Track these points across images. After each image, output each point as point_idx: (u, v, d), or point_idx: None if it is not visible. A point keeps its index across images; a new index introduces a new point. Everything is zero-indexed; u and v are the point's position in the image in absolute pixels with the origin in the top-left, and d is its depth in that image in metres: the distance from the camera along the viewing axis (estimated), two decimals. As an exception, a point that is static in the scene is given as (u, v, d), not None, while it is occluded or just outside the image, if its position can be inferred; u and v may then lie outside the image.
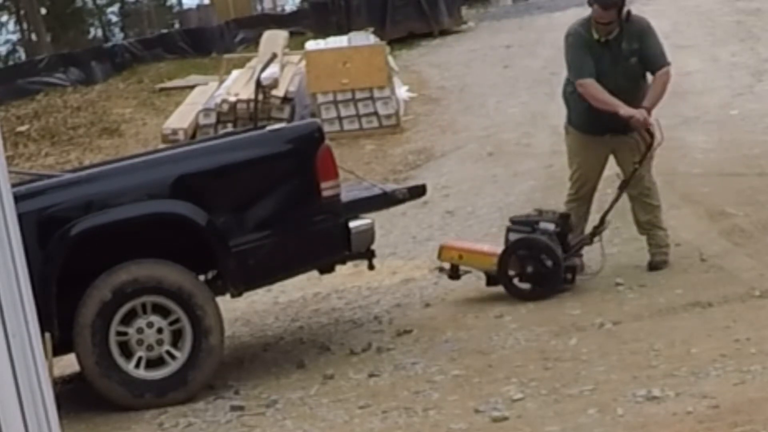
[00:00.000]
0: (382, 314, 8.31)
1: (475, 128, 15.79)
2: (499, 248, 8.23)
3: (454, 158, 14.10)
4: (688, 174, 11.30)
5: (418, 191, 8.33)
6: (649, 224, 8.41)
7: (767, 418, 5.25)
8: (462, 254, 8.26)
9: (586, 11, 8.26)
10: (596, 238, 8.28)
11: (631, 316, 7.31)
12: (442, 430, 5.82)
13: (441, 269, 8.35)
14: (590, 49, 8.19)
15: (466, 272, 8.28)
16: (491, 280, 8.14)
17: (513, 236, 8.09)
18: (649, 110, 8.12)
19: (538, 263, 7.96)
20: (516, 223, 8.20)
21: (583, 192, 8.44)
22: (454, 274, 8.24)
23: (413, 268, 8.93)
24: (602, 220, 8.32)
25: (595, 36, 8.21)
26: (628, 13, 8.17)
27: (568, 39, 8.36)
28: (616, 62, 8.18)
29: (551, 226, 8.08)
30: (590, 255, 8.41)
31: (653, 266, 8.34)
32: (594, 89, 8.16)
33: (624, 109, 8.04)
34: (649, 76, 8.33)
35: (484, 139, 14.89)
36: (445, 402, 6.22)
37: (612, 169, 8.62)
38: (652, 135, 8.21)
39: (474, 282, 8.37)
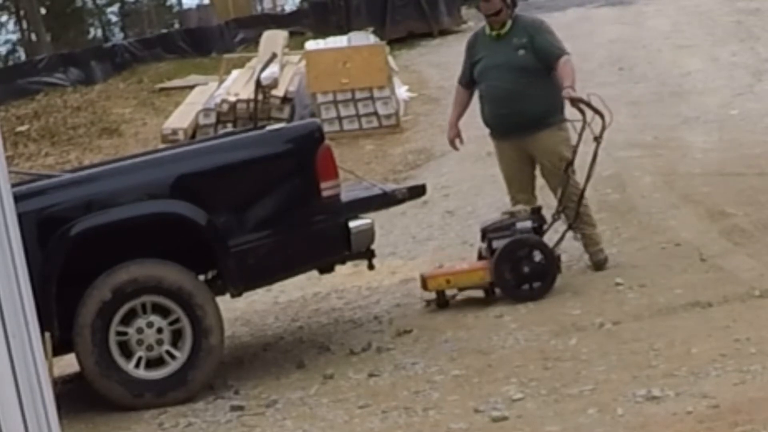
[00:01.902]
0: (382, 314, 8.31)
1: (475, 128, 15.77)
2: (475, 261, 8.29)
3: (454, 158, 14.07)
4: (688, 174, 11.31)
5: (418, 191, 8.33)
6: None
7: (767, 418, 5.25)
8: (449, 279, 8.19)
9: (588, 11, 8.34)
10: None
11: (631, 316, 7.31)
12: (442, 430, 5.82)
13: (428, 302, 8.25)
14: (484, 46, 8.57)
15: (453, 296, 8.22)
16: (488, 293, 8.12)
17: (498, 243, 8.07)
18: (572, 88, 8.27)
19: (532, 261, 7.97)
20: (494, 230, 8.18)
21: (520, 198, 8.45)
22: (442, 301, 8.17)
23: (413, 268, 8.92)
24: (577, 212, 8.32)
25: (488, 31, 8.56)
26: (520, 16, 8.53)
27: (466, 43, 8.90)
28: (506, 56, 8.42)
29: (528, 224, 8.11)
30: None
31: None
32: (454, 94, 8.90)
33: (449, 119, 8.87)
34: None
35: (484, 139, 14.85)
36: (445, 402, 6.22)
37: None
38: (599, 113, 8.31)
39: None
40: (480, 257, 8.33)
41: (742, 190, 10.29)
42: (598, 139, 8.34)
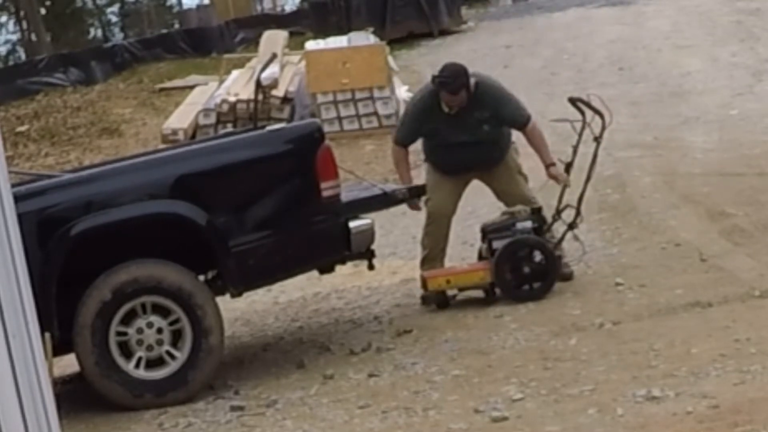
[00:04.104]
0: (382, 314, 8.31)
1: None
2: (476, 262, 8.31)
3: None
4: (688, 174, 11.31)
5: (418, 191, 8.34)
6: None
7: (767, 418, 5.25)
8: (449, 278, 8.18)
9: (588, 11, 8.31)
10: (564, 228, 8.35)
11: (631, 316, 7.31)
12: (442, 430, 5.82)
13: (425, 302, 8.25)
14: (439, 119, 8.22)
15: (453, 295, 8.24)
16: (488, 293, 8.12)
17: (498, 243, 8.07)
18: (554, 164, 8.29)
19: (532, 262, 7.97)
20: (494, 230, 8.18)
21: (440, 222, 8.41)
22: (444, 301, 8.17)
23: (413, 268, 8.92)
24: (578, 212, 8.31)
25: (445, 110, 8.22)
26: (476, 84, 8.18)
27: (412, 103, 8.58)
28: (471, 132, 8.21)
29: (528, 224, 8.11)
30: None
31: None
32: (396, 159, 8.59)
33: (404, 180, 8.41)
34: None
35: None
36: (445, 402, 6.22)
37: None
38: (599, 113, 8.33)
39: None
40: (480, 257, 8.33)
41: (742, 190, 10.29)
42: (598, 140, 8.34)
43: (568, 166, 8.36)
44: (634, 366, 6.31)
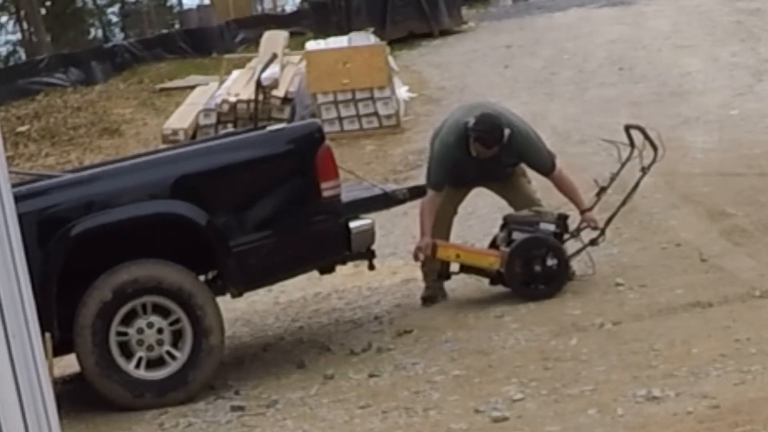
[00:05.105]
0: (383, 314, 8.31)
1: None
2: (490, 248, 8.28)
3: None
4: (688, 174, 11.30)
5: (418, 191, 8.34)
6: None
7: (767, 418, 5.25)
8: (459, 253, 8.21)
9: (588, 12, 8.29)
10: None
11: (631, 316, 7.31)
12: (442, 430, 5.82)
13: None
14: (469, 163, 8.16)
15: (454, 273, 8.24)
16: (494, 280, 8.13)
17: (518, 235, 8.07)
18: (589, 209, 8.30)
19: (545, 264, 7.96)
20: (517, 222, 8.18)
21: (442, 222, 8.36)
22: (445, 273, 8.17)
23: (413, 268, 8.92)
24: (602, 231, 8.33)
25: (473, 154, 8.14)
26: (509, 136, 8.08)
27: (441, 146, 8.24)
28: (496, 172, 8.28)
29: (552, 227, 8.10)
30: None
31: None
32: (429, 209, 8.14)
33: (422, 241, 8.11)
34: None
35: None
36: (445, 402, 6.22)
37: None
38: (654, 146, 8.33)
39: (474, 282, 8.38)
40: (492, 245, 8.30)
41: (742, 190, 10.29)
42: (645, 170, 8.36)
43: (602, 190, 8.36)
44: (635, 366, 6.31)
